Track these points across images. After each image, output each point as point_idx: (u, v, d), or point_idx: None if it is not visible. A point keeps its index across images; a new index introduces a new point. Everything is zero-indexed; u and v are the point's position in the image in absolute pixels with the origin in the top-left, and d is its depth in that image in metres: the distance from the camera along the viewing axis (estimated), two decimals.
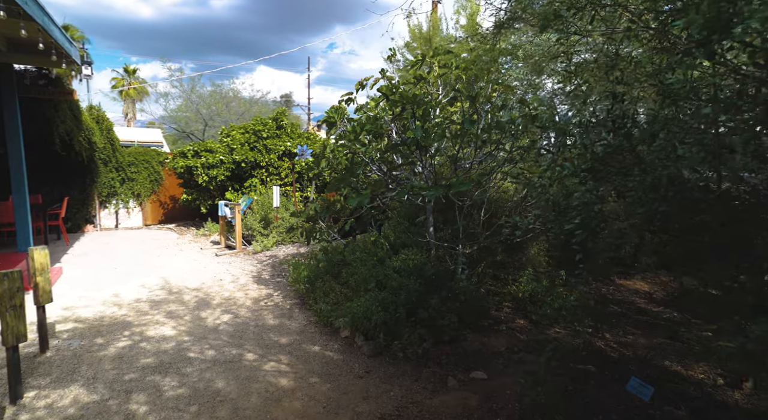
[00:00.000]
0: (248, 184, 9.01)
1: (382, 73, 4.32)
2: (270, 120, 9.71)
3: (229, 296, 5.09)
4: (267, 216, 8.14)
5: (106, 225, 10.25)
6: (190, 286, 5.51)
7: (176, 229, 10.28)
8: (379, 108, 4.29)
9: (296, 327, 4.13)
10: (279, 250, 7.59)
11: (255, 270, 6.36)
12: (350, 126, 4.14)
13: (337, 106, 4.29)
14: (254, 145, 9.19)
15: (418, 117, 3.50)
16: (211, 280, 5.80)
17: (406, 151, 3.99)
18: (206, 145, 9.25)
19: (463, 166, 4.60)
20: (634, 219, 2.20)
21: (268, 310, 4.60)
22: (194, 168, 8.88)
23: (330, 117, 3.94)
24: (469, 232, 4.78)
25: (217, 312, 4.55)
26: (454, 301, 4.00)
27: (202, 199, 9.47)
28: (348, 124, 4.24)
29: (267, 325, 4.17)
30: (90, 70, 9.28)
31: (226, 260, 7.03)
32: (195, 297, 5.06)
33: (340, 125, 4.06)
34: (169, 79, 18.63)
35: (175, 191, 10.84)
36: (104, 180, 9.90)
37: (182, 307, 4.69)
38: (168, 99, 19.13)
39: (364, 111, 4.46)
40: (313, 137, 10.36)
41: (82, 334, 3.87)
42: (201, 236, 9.30)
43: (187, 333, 3.96)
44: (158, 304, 4.79)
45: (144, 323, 4.19)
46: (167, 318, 4.35)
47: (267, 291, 5.31)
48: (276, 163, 9.22)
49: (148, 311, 4.55)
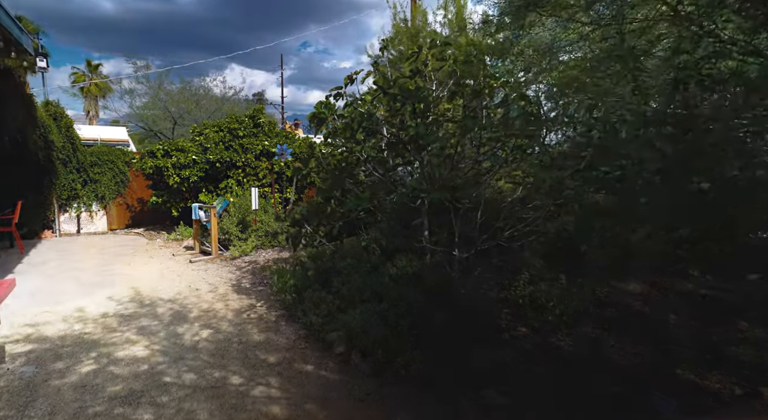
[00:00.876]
0: (224, 186, 8.51)
1: (375, 66, 4.03)
2: (246, 118, 9.23)
3: (207, 308, 4.67)
4: (245, 219, 7.69)
5: (66, 230, 9.49)
6: (163, 297, 5.04)
7: (145, 233, 9.63)
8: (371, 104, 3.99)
9: (284, 342, 3.78)
10: (259, 255, 7.16)
11: (234, 277, 5.93)
12: (341, 123, 3.83)
13: (326, 101, 3.96)
14: (230, 144, 8.69)
15: (418, 113, 3.23)
16: (187, 289, 5.34)
17: (402, 149, 3.71)
18: (177, 143, 8.68)
19: (458, 166, 4.37)
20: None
21: (252, 324, 4.22)
22: (164, 168, 8.30)
23: (320, 113, 3.61)
24: (467, 235, 4.56)
25: (195, 327, 4.13)
26: (455, 310, 3.75)
27: (174, 202, 8.89)
28: (338, 120, 3.92)
29: (252, 341, 3.80)
30: (46, 63, 8.54)
31: (202, 267, 6.55)
32: (170, 309, 4.61)
33: (330, 122, 3.74)
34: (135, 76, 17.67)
35: (144, 193, 10.17)
36: (64, 182, 9.14)
37: (156, 322, 4.24)
38: (133, 96, 18.16)
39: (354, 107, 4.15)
40: (292, 136, 9.94)
41: (39, 359, 3.39)
42: (173, 241, 8.72)
43: (162, 353, 3.54)
44: (128, 318, 4.32)
45: (112, 342, 3.74)
46: (139, 335, 3.91)
47: (249, 301, 4.91)
48: (253, 163, 8.76)
49: (116, 328, 4.08)
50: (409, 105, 3.16)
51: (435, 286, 3.81)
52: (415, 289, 3.62)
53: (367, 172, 3.78)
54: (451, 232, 4.57)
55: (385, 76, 3.97)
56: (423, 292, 3.67)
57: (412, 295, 3.48)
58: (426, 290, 3.72)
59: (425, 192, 3.53)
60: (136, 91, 17.88)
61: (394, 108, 3.39)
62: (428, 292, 3.76)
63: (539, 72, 5.54)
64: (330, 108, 3.62)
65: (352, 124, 3.13)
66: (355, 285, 3.87)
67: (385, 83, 3.28)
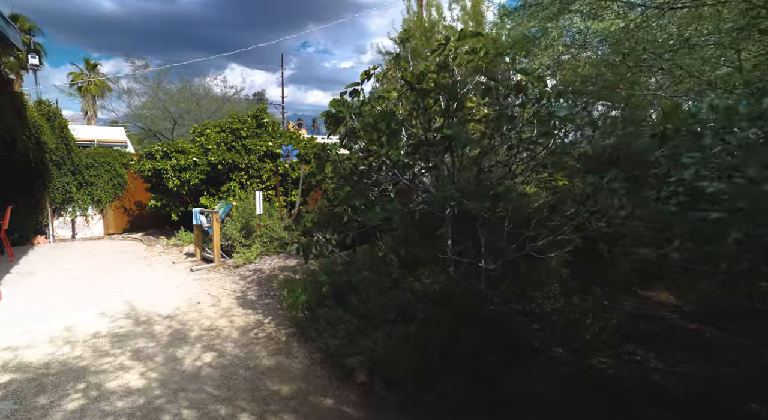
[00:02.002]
0: (226, 189, 8.11)
1: (398, 60, 3.63)
2: (249, 117, 8.83)
3: (210, 325, 4.27)
4: (249, 224, 7.28)
5: (60, 236, 9.08)
6: (161, 312, 4.64)
7: (143, 238, 9.22)
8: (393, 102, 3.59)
9: (298, 368, 3.38)
10: (263, 263, 6.76)
11: (238, 288, 5.52)
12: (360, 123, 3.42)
13: (342, 99, 3.56)
14: (232, 145, 8.29)
15: (451, 111, 2.83)
16: (187, 303, 4.94)
17: (428, 152, 3.31)
18: (177, 145, 8.27)
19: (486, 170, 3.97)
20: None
21: (261, 345, 3.82)
22: (164, 171, 7.90)
23: (338, 111, 3.21)
24: (493, 245, 4.16)
25: (196, 349, 3.73)
26: (488, 331, 3.36)
27: (173, 206, 8.48)
28: (356, 120, 3.52)
29: (261, 367, 3.40)
30: (38, 60, 8.13)
31: (204, 276, 6.15)
32: (168, 328, 4.21)
33: (349, 122, 3.34)
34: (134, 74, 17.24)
35: (142, 196, 9.76)
36: (58, 185, 8.73)
37: (152, 343, 3.84)
38: (132, 95, 17.74)
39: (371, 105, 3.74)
40: (297, 137, 9.54)
41: (18, 392, 2.99)
42: (172, 247, 8.32)
43: (160, 383, 3.14)
44: (122, 339, 3.92)
45: (103, 369, 3.33)
46: (133, 360, 3.50)
47: (256, 317, 4.51)
48: (257, 165, 8.35)
49: (108, 351, 3.68)
50: (442, 102, 2.76)
51: (465, 303, 3.41)
52: (445, 308, 3.22)
53: (394, 179, 3.38)
54: (475, 240, 4.17)
55: (407, 70, 3.57)
56: (452, 310, 3.27)
57: (444, 316, 3.07)
58: (456, 309, 3.31)
59: (455, 200, 3.13)
60: (135, 91, 17.48)
61: (422, 106, 2.99)
62: (458, 310, 3.36)
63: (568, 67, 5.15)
64: (348, 106, 3.22)
65: (377, 124, 2.73)
66: (377, 303, 3.47)
67: (413, 78, 2.88)
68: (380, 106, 3.89)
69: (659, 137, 5.34)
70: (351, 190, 3.11)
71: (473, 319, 3.41)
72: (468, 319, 3.34)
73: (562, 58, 5.22)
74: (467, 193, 2.90)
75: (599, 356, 3.75)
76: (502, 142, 3.65)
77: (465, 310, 3.32)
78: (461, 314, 3.28)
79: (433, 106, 2.85)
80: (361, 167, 3.89)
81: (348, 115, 3.26)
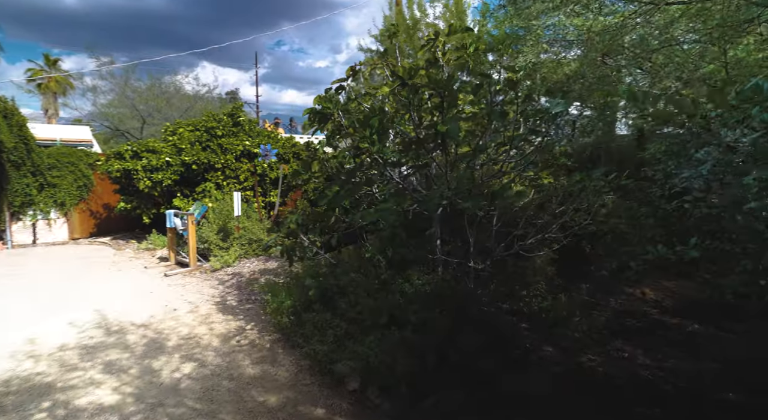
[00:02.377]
0: (201, 190, 7.79)
1: (385, 55, 3.52)
2: (225, 116, 8.52)
3: (188, 333, 4.04)
4: (226, 226, 7.01)
5: (20, 241, 8.51)
6: (135, 320, 4.36)
7: (112, 243, 8.76)
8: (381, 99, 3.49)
9: (285, 377, 3.22)
10: (243, 266, 6.51)
11: (217, 294, 5.28)
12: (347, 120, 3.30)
13: (328, 95, 3.42)
14: (207, 145, 7.98)
15: (445, 107, 2.75)
16: (163, 310, 4.67)
17: (418, 150, 3.22)
18: (148, 144, 7.89)
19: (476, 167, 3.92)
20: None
21: (244, 352, 3.63)
22: (134, 171, 7.51)
23: (325, 108, 3.08)
24: (481, 244, 4.12)
25: (174, 359, 3.51)
26: (480, 332, 3.30)
27: (145, 208, 8.09)
28: (342, 117, 3.39)
29: (245, 377, 3.22)
30: None
31: (179, 281, 5.86)
32: (143, 337, 3.96)
33: (337, 119, 3.21)
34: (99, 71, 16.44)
35: (110, 198, 9.28)
36: (16, 186, 8.18)
37: (126, 355, 3.59)
38: (97, 93, 16.92)
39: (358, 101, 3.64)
40: (275, 136, 9.29)
41: None
42: (144, 251, 7.93)
43: (135, 397, 2.92)
44: (92, 351, 3.65)
45: (71, 385, 3.08)
46: (105, 374, 3.26)
47: (237, 323, 4.31)
48: (234, 165, 8.07)
49: (77, 364, 3.41)
50: (435, 98, 2.68)
51: (457, 305, 3.34)
52: (438, 310, 3.13)
53: (384, 178, 3.27)
54: (464, 240, 4.12)
55: (398, 65, 3.47)
56: (446, 312, 3.19)
57: (439, 319, 2.99)
58: (449, 311, 3.24)
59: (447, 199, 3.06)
60: (100, 88, 16.68)
61: (414, 102, 2.89)
62: (451, 312, 3.29)
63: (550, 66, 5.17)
64: (336, 102, 3.09)
65: (369, 120, 2.61)
66: (366, 306, 3.35)
67: (405, 73, 2.78)
68: (367, 102, 3.78)
69: (637, 138, 5.38)
70: (340, 190, 2.99)
71: (466, 320, 3.35)
72: (461, 321, 3.28)
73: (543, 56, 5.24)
74: (461, 192, 2.82)
75: (588, 354, 3.76)
76: (492, 139, 3.61)
77: (458, 312, 3.25)
78: (454, 316, 3.21)
79: (428, 101, 2.76)
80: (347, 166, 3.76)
81: (336, 111, 3.13)
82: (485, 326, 3.47)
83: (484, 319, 3.57)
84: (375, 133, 2.62)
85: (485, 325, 3.48)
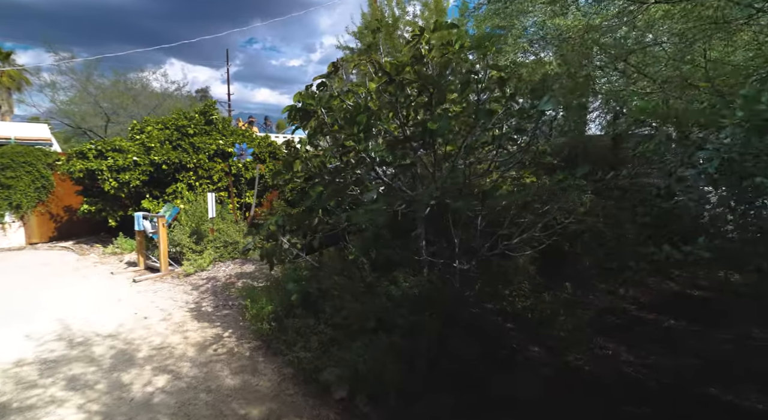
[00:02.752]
0: (172, 191, 7.44)
1: (368, 49, 3.41)
2: (197, 114, 8.19)
3: (161, 343, 3.80)
4: (199, 228, 6.71)
5: None
6: (101, 331, 4.08)
7: (75, 247, 8.25)
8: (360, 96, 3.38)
9: (267, 387, 3.06)
10: (218, 270, 6.25)
11: (191, 300, 5.03)
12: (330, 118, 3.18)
13: (312, 91, 3.28)
14: (178, 144, 7.63)
15: (434, 104, 2.67)
16: (132, 319, 4.39)
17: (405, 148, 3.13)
18: (113, 143, 7.47)
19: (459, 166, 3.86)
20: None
21: (222, 362, 3.44)
22: (98, 171, 7.09)
23: (308, 104, 2.94)
24: (469, 245, 4.07)
25: (146, 372, 3.28)
26: (467, 333, 3.24)
27: (111, 210, 7.66)
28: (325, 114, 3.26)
29: (225, 388, 3.04)
30: None
31: (150, 287, 5.55)
32: (110, 349, 3.69)
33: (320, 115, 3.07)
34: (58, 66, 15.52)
35: (73, 200, 8.75)
36: None
37: (92, 368, 3.33)
38: (56, 89, 15.96)
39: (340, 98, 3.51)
40: (250, 135, 9.01)
41: None
42: (110, 256, 7.50)
43: (104, 416, 2.70)
44: (53, 366, 3.37)
45: (30, 405, 2.82)
46: (69, 390, 3.00)
47: (214, 330, 4.09)
48: (207, 165, 7.75)
49: (36, 381, 3.13)
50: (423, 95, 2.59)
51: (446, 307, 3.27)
52: (428, 314, 3.05)
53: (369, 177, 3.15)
54: (449, 240, 4.06)
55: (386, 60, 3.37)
56: (435, 316, 3.11)
57: (428, 323, 2.90)
58: (438, 314, 3.16)
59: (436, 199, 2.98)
60: (60, 84, 15.75)
61: (401, 99, 2.80)
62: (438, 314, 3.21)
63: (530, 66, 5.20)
64: (320, 99, 2.96)
65: (356, 117, 2.50)
66: (352, 310, 3.23)
67: (392, 69, 2.68)
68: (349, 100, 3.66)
69: (613, 138, 5.43)
70: (324, 190, 2.85)
71: (454, 323, 3.28)
72: (450, 324, 3.21)
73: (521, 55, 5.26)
74: (450, 192, 2.75)
75: (574, 353, 3.77)
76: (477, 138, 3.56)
77: (446, 315, 3.18)
78: (443, 319, 3.13)
79: (417, 98, 2.67)
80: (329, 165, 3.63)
81: (319, 108, 2.99)
82: (473, 328, 3.42)
83: (473, 322, 3.52)
84: (362, 130, 2.51)
85: (474, 328, 3.43)
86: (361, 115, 2.46)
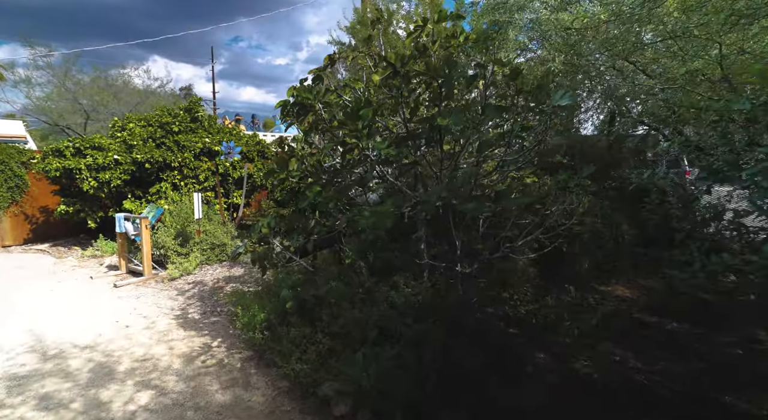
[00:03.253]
0: (155, 191, 7.11)
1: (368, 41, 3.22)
2: (181, 111, 7.87)
3: (144, 355, 3.53)
4: (185, 230, 6.41)
5: None
6: (78, 341, 3.79)
7: (52, 250, 7.84)
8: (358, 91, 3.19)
9: (261, 403, 2.83)
10: (205, 274, 5.97)
11: (177, 306, 4.75)
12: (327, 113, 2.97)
13: (307, 86, 3.07)
14: (162, 142, 7.30)
15: (443, 99, 2.49)
16: (112, 328, 4.11)
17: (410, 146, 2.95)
18: (93, 140, 7.11)
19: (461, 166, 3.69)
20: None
21: (211, 375, 3.20)
22: (76, 170, 6.72)
23: (304, 99, 2.73)
24: (471, 247, 3.91)
25: (127, 387, 3.02)
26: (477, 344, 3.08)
27: (90, 211, 7.29)
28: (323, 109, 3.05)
29: (214, 405, 2.80)
30: None
31: (132, 293, 5.25)
32: (88, 361, 3.41)
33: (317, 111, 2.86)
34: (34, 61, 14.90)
35: (49, 200, 8.33)
36: None
37: (67, 384, 3.06)
38: (32, 85, 15.33)
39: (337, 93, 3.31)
40: (237, 133, 8.72)
41: None
42: (89, 259, 7.13)
43: None
44: (24, 382, 3.08)
45: None
46: (40, 410, 2.73)
47: (201, 340, 3.84)
48: (192, 164, 7.44)
49: (4, 401, 2.85)
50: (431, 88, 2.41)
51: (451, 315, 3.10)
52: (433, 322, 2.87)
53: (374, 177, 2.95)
54: (450, 243, 3.89)
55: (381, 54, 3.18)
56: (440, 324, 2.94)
57: (434, 333, 2.72)
58: (441, 321, 2.98)
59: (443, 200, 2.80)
60: (36, 80, 15.13)
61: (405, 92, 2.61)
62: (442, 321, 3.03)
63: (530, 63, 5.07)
64: (317, 93, 2.75)
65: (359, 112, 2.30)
66: (351, 319, 3.03)
67: (397, 61, 2.49)
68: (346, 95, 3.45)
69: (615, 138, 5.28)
70: (323, 191, 2.65)
71: (459, 331, 3.11)
72: (453, 332, 3.04)
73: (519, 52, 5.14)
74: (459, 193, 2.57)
75: (581, 359, 3.64)
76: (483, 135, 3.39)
77: (451, 323, 3.01)
78: (447, 327, 2.96)
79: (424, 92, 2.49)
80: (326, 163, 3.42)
81: (317, 103, 2.78)
82: (478, 337, 3.25)
83: (478, 329, 3.35)
84: (366, 126, 2.31)
85: (478, 335, 3.27)
86: (364, 109, 2.27)
